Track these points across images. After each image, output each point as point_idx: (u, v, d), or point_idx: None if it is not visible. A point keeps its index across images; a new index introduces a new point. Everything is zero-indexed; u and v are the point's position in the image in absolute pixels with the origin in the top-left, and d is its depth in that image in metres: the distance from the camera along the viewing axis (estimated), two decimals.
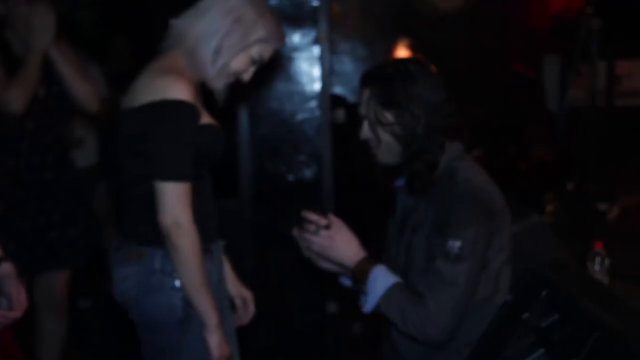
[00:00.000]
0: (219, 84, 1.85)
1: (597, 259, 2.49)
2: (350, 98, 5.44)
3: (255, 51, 1.85)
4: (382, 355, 1.99)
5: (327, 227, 1.82)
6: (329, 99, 3.33)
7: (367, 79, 1.84)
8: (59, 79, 2.65)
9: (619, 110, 5.29)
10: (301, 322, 3.20)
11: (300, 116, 3.31)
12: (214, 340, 1.81)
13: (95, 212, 3.76)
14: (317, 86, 3.28)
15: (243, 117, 3.26)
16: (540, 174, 4.50)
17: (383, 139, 1.82)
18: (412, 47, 5.18)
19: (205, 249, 1.84)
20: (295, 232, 1.87)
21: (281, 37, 1.90)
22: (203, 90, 1.89)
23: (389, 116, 1.79)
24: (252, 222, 3.26)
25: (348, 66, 5.56)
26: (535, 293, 1.56)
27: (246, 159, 3.26)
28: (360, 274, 1.81)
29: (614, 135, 4.72)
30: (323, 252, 1.84)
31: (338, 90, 5.40)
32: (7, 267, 1.81)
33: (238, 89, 1.96)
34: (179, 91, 1.73)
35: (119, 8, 5.71)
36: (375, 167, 1.94)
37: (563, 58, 5.27)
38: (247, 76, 1.90)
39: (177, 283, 1.79)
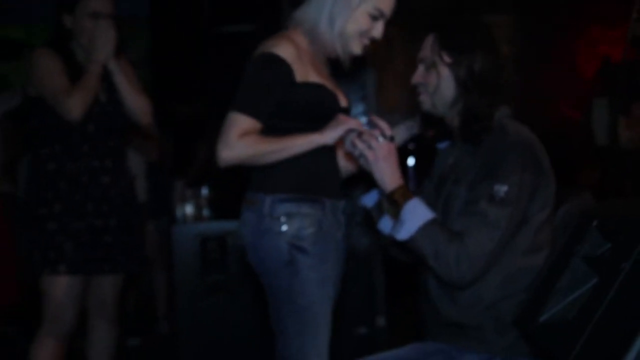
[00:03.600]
0: (344, 49, 1.99)
1: None
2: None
3: (369, 7, 1.96)
4: (422, 313, 1.97)
5: (391, 139, 1.84)
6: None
7: (435, 26, 1.93)
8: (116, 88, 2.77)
9: None
10: (350, 336, 3.15)
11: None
12: (331, 134, 1.88)
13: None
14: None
15: None
16: None
17: (441, 82, 1.87)
18: None
19: (312, 199, 1.92)
20: (357, 138, 1.86)
21: None
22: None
23: (447, 58, 1.86)
24: None
25: (395, 110, 5.64)
26: (586, 225, 1.53)
27: None
28: (399, 197, 1.81)
29: None
30: (374, 160, 1.83)
31: None
32: None
33: None
34: (277, 48, 1.91)
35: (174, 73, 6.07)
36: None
37: (612, 100, 5.27)
38: (376, 32, 2.00)
39: (284, 227, 1.89)
